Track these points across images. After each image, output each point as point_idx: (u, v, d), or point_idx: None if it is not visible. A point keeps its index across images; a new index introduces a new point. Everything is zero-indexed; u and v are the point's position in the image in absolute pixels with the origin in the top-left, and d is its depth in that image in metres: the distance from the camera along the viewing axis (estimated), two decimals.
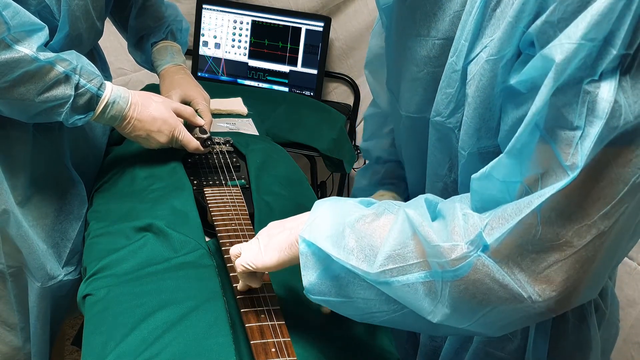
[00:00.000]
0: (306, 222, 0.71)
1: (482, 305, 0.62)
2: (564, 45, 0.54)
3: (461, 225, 0.61)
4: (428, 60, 0.77)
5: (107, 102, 1.07)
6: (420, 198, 0.69)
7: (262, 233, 0.77)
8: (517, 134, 0.58)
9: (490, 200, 0.62)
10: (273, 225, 0.78)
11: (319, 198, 0.89)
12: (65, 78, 1.01)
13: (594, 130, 0.54)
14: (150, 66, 1.40)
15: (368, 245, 0.66)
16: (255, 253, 0.75)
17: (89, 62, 1.06)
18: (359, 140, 2.12)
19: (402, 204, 0.70)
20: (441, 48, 0.74)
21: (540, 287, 0.59)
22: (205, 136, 1.23)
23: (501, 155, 0.60)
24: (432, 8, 0.74)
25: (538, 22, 0.57)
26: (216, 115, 1.57)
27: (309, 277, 0.69)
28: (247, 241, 0.93)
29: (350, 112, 2.15)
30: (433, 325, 0.64)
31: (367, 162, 1.13)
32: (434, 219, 0.65)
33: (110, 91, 1.08)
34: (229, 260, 0.89)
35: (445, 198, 0.80)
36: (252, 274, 0.77)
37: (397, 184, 1.00)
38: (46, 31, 1.00)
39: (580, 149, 0.55)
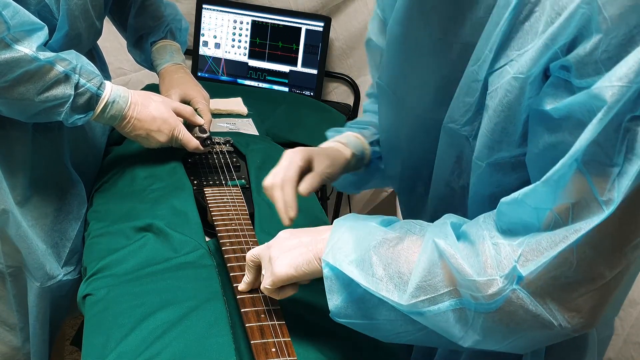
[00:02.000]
0: (328, 244, 0.71)
1: (513, 333, 0.63)
2: (615, 87, 0.53)
3: (493, 256, 0.62)
4: (442, 63, 0.75)
5: (106, 101, 1.07)
6: (446, 223, 0.68)
7: (274, 247, 0.75)
8: (556, 167, 0.58)
9: (518, 223, 0.63)
10: (284, 237, 0.76)
11: (318, 198, 0.90)
12: (65, 77, 1.01)
13: (633, 168, 0.54)
14: (150, 65, 1.40)
15: (396, 273, 0.66)
16: (269, 271, 0.74)
17: (89, 61, 1.06)
18: None
19: (425, 225, 0.70)
20: (459, 52, 0.73)
21: (570, 315, 0.60)
22: (205, 135, 1.23)
23: (537, 183, 0.60)
24: (450, 11, 0.72)
25: (579, 51, 0.56)
26: (216, 115, 1.57)
27: (335, 301, 0.70)
28: (246, 241, 0.94)
29: (350, 112, 2.14)
30: (459, 344, 0.65)
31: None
32: (458, 238, 0.66)
33: (110, 91, 1.08)
34: (229, 260, 0.89)
35: (452, 203, 0.80)
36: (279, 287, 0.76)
37: (370, 129, 1.01)
38: (46, 31, 1.00)
39: (618, 186, 0.55)
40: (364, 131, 0.99)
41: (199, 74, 2.03)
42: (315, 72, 1.97)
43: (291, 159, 0.86)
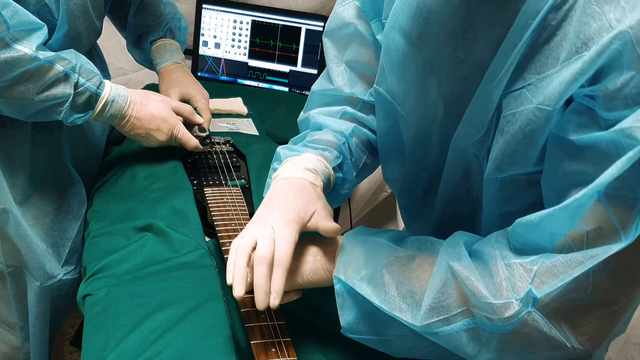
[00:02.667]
0: (338, 259, 0.71)
1: (526, 352, 0.64)
2: None
3: (507, 277, 0.63)
4: (452, 79, 0.73)
5: (106, 100, 1.07)
6: (459, 244, 0.68)
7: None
8: (577, 196, 0.58)
9: (531, 244, 0.63)
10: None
11: None
12: (65, 77, 1.01)
13: None
14: (149, 64, 1.40)
15: (408, 292, 0.67)
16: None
17: (88, 60, 1.06)
18: None
19: (435, 243, 0.71)
20: (470, 70, 0.71)
21: (583, 338, 0.61)
22: (204, 134, 1.23)
23: (555, 209, 0.60)
24: (462, 28, 0.69)
25: (609, 85, 0.56)
26: (216, 115, 1.56)
27: (347, 317, 0.72)
28: None
29: None
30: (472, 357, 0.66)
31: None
32: (470, 256, 0.66)
33: (110, 90, 1.08)
34: None
35: (460, 213, 0.79)
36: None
37: (331, 151, 0.87)
38: (45, 30, 1.00)
39: (638, 218, 0.56)
40: (326, 153, 0.86)
41: (199, 74, 2.03)
42: (315, 72, 1.97)
43: (290, 236, 0.71)
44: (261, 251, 0.69)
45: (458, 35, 0.70)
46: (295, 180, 0.79)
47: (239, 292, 0.68)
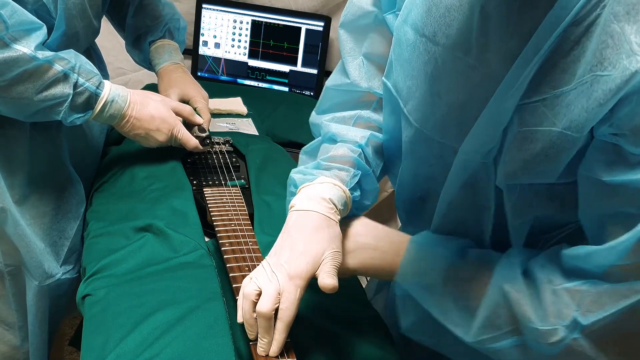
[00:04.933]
0: (402, 265, 0.75)
1: None
2: None
3: (553, 303, 0.64)
4: (461, 84, 0.71)
5: (105, 100, 1.07)
6: (515, 264, 0.70)
7: (352, 238, 0.80)
8: (623, 239, 0.59)
9: (578, 270, 0.65)
10: (361, 232, 0.80)
11: None
12: (64, 77, 1.01)
13: None
14: (148, 65, 1.40)
15: (464, 308, 0.71)
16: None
17: (88, 60, 1.06)
18: None
19: (494, 259, 0.72)
20: (480, 79, 0.69)
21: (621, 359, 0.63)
22: (204, 135, 1.23)
23: (601, 248, 0.62)
24: (477, 35, 0.67)
25: (636, 121, 0.56)
26: (216, 115, 1.56)
27: (407, 320, 0.78)
28: (246, 242, 0.93)
29: None
30: None
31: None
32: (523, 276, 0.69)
33: (109, 90, 1.08)
34: (229, 260, 0.89)
35: (464, 222, 0.80)
36: None
37: (347, 170, 0.84)
38: (44, 30, 0.99)
39: None
40: (342, 173, 0.83)
41: (199, 74, 2.03)
42: (315, 71, 1.97)
43: (294, 292, 0.72)
44: (261, 306, 0.70)
45: (472, 39, 0.68)
46: (309, 216, 0.77)
47: (250, 336, 0.73)
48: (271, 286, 0.71)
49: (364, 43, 0.88)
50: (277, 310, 0.71)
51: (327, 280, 0.72)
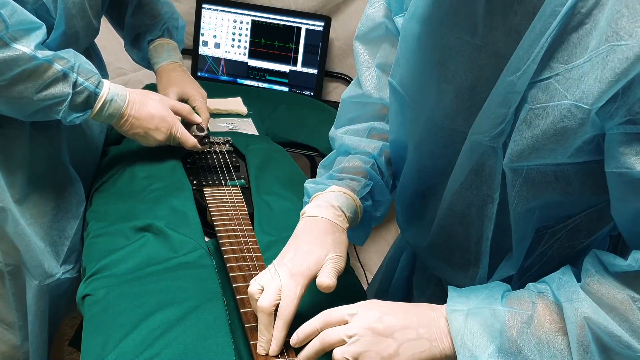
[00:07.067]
0: (455, 340, 0.67)
1: None
2: None
3: None
4: (468, 67, 0.71)
5: (104, 100, 1.07)
6: (575, 286, 0.66)
7: (381, 331, 0.68)
8: None
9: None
10: (393, 325, 0.69)
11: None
12: (63, 76, 1.01)
13: None
14: (147, 64, 1.40)
15: (556, 352, 0.65)
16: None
17: (87, 60, 1.06)
18: None
19: (540, 289, 0.68)
20: (488, 59, 0.69)
21: None
22: (202, 134, 1.23)
23: None
24: (481, 14, 0.68)
25: None
26: (216, 115, 1.56)
27: None
28: (246, 241, 0.93)
29: None
30: None
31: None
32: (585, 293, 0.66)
33: (108, 89, 1.08)
34: (229, 260, 0.88)
35: (468, 215, 0.78)
36: None
37: (359, 180, 0.87)
38: (44, 29, 0.99)
39: None
40: (353, 183, 0.86)
41: (199, 74, 2.03)
42: (315, 71, 1.97)
43: (294, 290, 0.73)
44: (261, 301, 0.72)
45: (478, 20, 0.69)
46: (317, 222, 0.80)
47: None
48: (272, 283, 0.74)
49: (377, 54, 0.90)
50: (277, 308, 0.72)
51: (325, 279, 0.74)
